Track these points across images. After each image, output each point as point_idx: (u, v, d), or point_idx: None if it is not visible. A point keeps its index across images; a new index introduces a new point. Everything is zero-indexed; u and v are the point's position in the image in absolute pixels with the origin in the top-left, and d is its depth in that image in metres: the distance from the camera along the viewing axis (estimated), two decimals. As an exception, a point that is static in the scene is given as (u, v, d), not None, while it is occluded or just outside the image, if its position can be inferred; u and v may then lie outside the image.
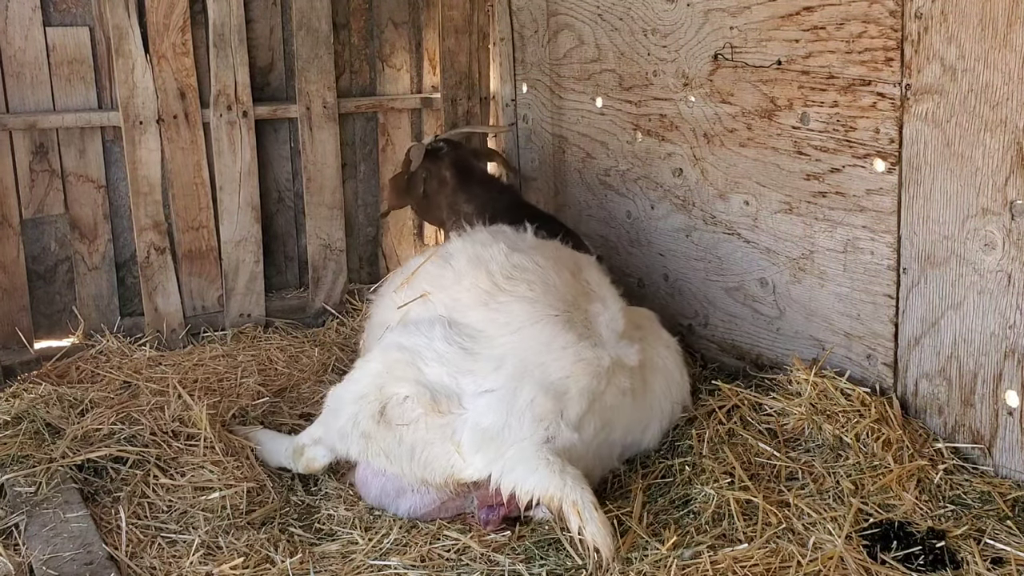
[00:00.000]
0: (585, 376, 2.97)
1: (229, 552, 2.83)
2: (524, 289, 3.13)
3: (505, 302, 3.11)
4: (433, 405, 2.92)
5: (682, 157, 4.07)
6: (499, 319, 3.08)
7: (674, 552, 2.66)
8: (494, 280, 3.15)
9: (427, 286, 3.30)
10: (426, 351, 3.02)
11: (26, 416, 3.42)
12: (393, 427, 2.95)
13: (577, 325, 3.09)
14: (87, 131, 4.43)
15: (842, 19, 3.28)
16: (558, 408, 2.90)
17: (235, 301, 4.70)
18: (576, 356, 2.99)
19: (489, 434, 2.86)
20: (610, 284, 3.45)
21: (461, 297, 3.17)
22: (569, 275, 3.30)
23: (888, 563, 2.60)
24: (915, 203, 3.15)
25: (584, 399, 2.94)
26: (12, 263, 4.31)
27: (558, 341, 3.01)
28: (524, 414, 2.86)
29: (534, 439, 2.83)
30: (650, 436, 3.29)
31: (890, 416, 3.18)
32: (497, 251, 3.26)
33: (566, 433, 2.88)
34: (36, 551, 2.73)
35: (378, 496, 3.08)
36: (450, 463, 2.89)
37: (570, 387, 2.94)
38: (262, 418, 3.74)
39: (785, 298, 3.68)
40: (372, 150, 5.12)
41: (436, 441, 2.90)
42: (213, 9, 4.49)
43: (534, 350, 2.99)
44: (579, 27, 4.55)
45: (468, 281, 3.19)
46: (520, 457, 2.80)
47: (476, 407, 2.91)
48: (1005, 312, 2.92)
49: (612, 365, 3.04)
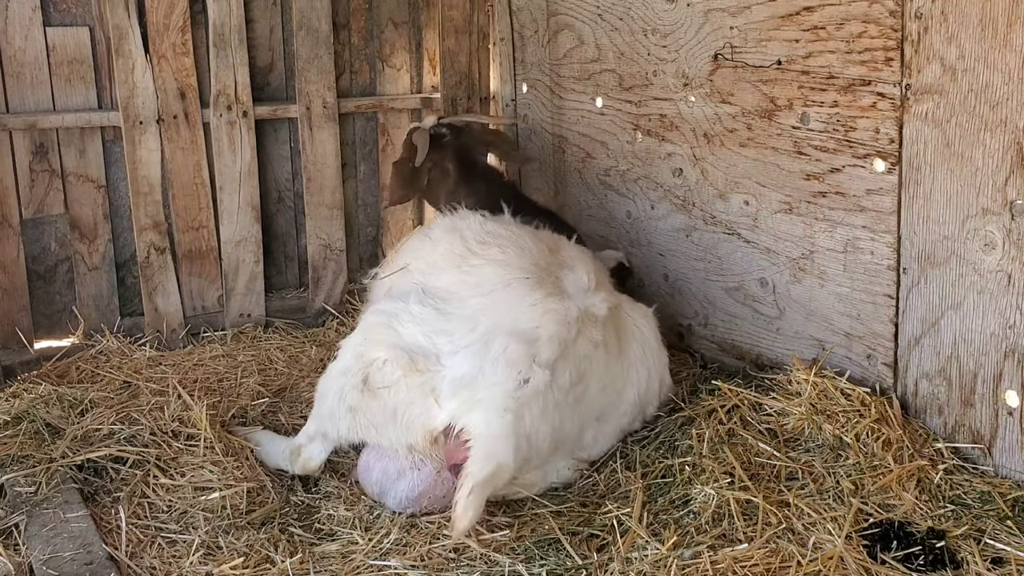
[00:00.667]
0: (553, 324, 3.05)
1: (229, 552, 2.83)
2: (496, 252, 3.25)
3: (477, 265, 3.23)
4: (411, 365, 2.98)
5: (682, 157, 4.07)
6: (470, 280, 3.19)
7: (674, 552, 2.66)
8: (467, 245, 3.30)
9: (408, 258, 3.46)
10: (401, 313, 3.11)
11: (26, 416, 3.42)
12: (376, 393, 3.00)
13: (547, 285, 3.19)
14: (87, 131, 4.43)
15: (842, 19, 3.28)
16: (530, 352, 2.95)
17: (235, 301, 4.70)
18: (544, 309, 3.09)
19: (465, 380, 2.92)
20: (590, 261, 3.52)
21: (436, 261, 3.31)
22: (545, 248, 3.41)
23: (888, 563, 2.60)
24: (915, 203, 3.15)
25: (554, 343, 3.01)
26: (12, 263, 4.30)
27: (527, 299, 3.11)
28: (498, 360, 2.92)
29: (508, 383, 2.88)
30: (627, 402, 3.32)
31: (890, 416, 3.18)
32: (473, 220, 3.44)
33: (539, 374, 2.93)
34: (36, 551, 2.73)
35: (380, 480, 3.09)
36: (427, 417, 2.93)
37: (540, 335, 3.01)
38: (262, 418, 3.74)
39: (785, 298, 3.68)
40: (372, 150, 5.12)
41: (416, 400, 2.95)
42: (213, 9, 4.48)
43: (504, 309, 3.09)
44: (579, 27, 4.55)
45: (443, 247, 3.34)
46: (485, 400, 2.86)
47: (453, 362, 2.97)
48: (1005, 312, 2.92)
49: (581, 315, 3.13)
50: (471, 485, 2.70)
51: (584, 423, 3.18)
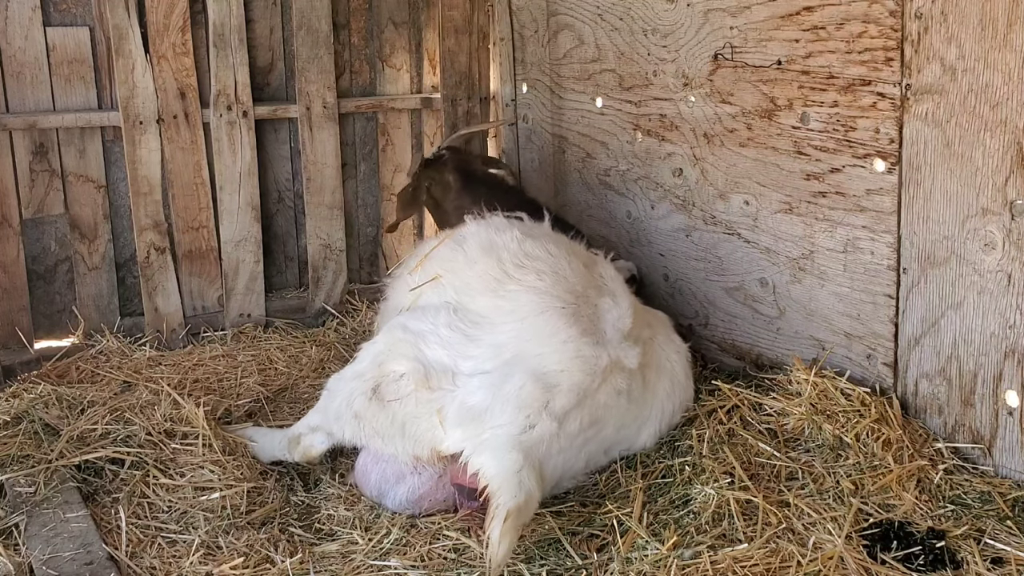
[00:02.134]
0: (579, 372, 2.96)
1: (229, 552, 2.83)
2: (533, 279, 3.14)
3: (513, 291, 3.11)
4: (424, 381, 2.95)
5: (682, 157, 4.07)
6: (505, 307, 3.09)
7: (674, 552, 2.66)
8: (504, 268, 3.16)
9: (439, 269, 3.31)
10: (430, 335, 3.04)
11: (25, 416, 3.42)
12: (385, 404, 2.98)
13: (583, 319, 3.08)
14: (87, 131, 4.43)
15: (842, 19, 3.28)
16: (544, 399, 2.89)
17: (235, 301, 4.70)
18: (575, 352, 2.98)
19: (472, 412, 2.88)
20: (623, 281, 3.44)
21: (471, 282, 3.19)
22: (582, 266, 3.29)
23: (888, 563, 2.60)
24: (915, 203, 3.15)
25: (573, 394, 2.94)
26: (12, 263, 4.30)
27: (560, 335, 3.00)
28: (509, 400, 2.86)
29: (512, 427, 2.83)
30: (646, 436, 3.29)
31: (890, 416, 3.18)
32: (510, 238, 3.26)
33: (546, 423, 2.87)
34: (36, 551, 2.73)
35: (378, 483, 3.08)
36: (434, 435, 2.91)
37: (562, 381, 2.93)
38: (254, 418, 3.74)
39: (785, 298, 3.68)
40: (372, 150, 5.12)
41: (423, 415, 2.93)
42: (213, 9, 4.49)
43: (535, 340, 3.00)
44: (579, 27, 4.55)
45: (480, 267, 3.20)
46: (492, 444, 2.81)
47: (467, 386, 2.93)
48: (1005, 312, 2.92)
49: (610, 365, 3.04)
50: (504, 513, 2.62)
51: (592, 459, 3.15)
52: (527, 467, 2.74)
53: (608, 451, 3.22)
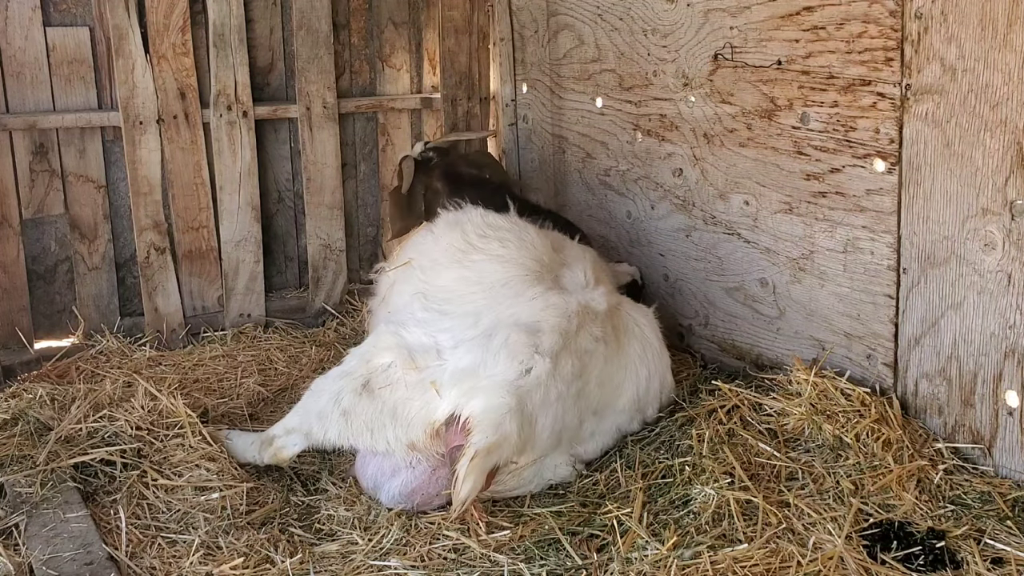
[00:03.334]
0: (555, 316, 3.06)
1: (229, 552, 2.83)
2: (496, 247, 3.28)
3: (478, 260, 3.26)
4: (411, 363, 2.99)
5: (682, 157, 4.07)
6: (471, 277, 3.22)
7: (674, 552, 2.66)
8: (468, 239, 3.32)
9: (411, 253, 3.51)
10: (408, 322, 3.14)
11: (23, 417, 3.42)
12: (375, 394, 3.00)
13: (546, 280, 3.22)
14: (87, 131, 4.43)
15: (842, 19, 3.28)
16: (532, 342, 2.96)
17: (235, 301, 4.70)
18: (544, 302, 3.11)
19: (466, 371, 2.93)
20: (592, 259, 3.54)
21: (437, 258, 3.34)
22: (548, 244, 3.43)
23: (888, 563, 2.60)
24: (915, 203, 3.15)
25: (556, 334, 3.01)
26: (12, 263, 4.31)
27: (527, 294, 3.14)
28: (500, 351, 2.94)
29: (508, 373, 2.89)
30: (627, 398, 3.31)
31: (890, 416, 3.18)
32: (475, 214, 3.48)
33: (541, 363, 2.93)
34: (36, 551, 2.73)
35: (374, 475, 3.09)
36: (427, 411, 2.92)
37: (542, 326, 3.03)
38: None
39: (785, 298, 3.68)
40: (372, 150, 5.12)
41: (415, 396, 2.95)
42: (213, 9, 4.49)
43: (505, 304, 3.10)
44: (579, 27, 4.55)
45: (444, 242, 3.37)
46: (485, 387, 2.85)
47: (454, 356, 2.99)
48: (1005, 312, 2.92)
49: (581, 309, 3.14)
50: (472, 452, 2.70)
51: (583, 416, 3.18)
52: (514, 412, 2.80)
53: (596, 412, 3.24)
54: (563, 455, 3.16)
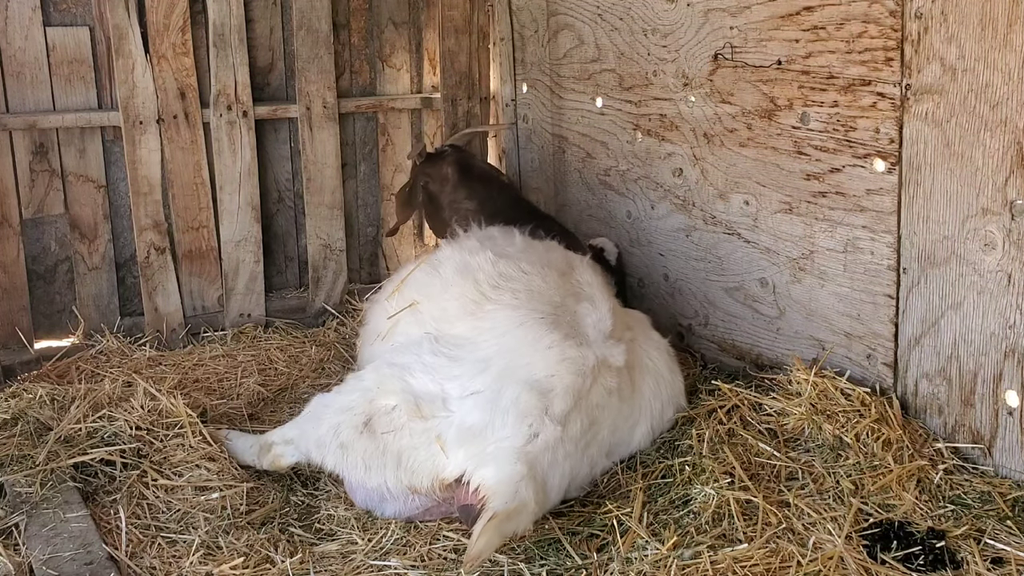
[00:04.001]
0: (570, 374, 2.96)
1: (229, 552, 2.83)
2: (509, 298, 3.16)
3: (491, 311, 3.14)
4: (416, 411, 2.91)
5: (682, 157, 4.07)
6: (485, 326, 3.11)
7: (674, 552, 2.66)
8: (480, 289, 3.20)
9: (416, 295, 3.36)
10: (415, 366, 3.03)
11: (23, 417, 3.42)
12: (377, 436, 2.93)
13: (563, 325, 3.09)
14: (87, 131, 4.43)
15: (842, 19, 3.28)
16: (543, 404, 2.88)
17: (235, 301, 4.70)
18: (561, 355, 2.98)
19: (473, 431, 2.84)
20: (602, 285, 3.45)
21: (448, 307, 3.22)
22: (557, 276, 3.33)
23: (888, 563, 2.60)
24: (915, 203, 3.15)
25: (569, 396, 2.93)
26: (12, 263, 4.31)
27: (543, 341, 3.01)
28: (508, 412, 2.85)
29: (516, 439, 2.81)
30: (639, 436, 3.28)
31: (890, 416, 3.18)
32: (484, 259, 3.30)
33: (550, 428, 2.85)
34: (36, 551, 2.73)
35: (365, 502, 3.07)
36: (434, 464, 2.86)
37: (555, 384, 2.92)
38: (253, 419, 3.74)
39: (785, 298, 3.68)
40: (372, 150, 5.12)
41: (421, 446, 2.88)
42: (213, 9, 4.49)
43: (519, 351, 2.99)
44: (579, 27, 4.55)
45: (456, 290, 3.24)
46: (495, 456, 2.78)
47: (462, 408, 2.90)
48: (1005, 312, 2.92)
49: (598, 364, 3.04)
50: (491, 514, 2.61)
51: (595, 461, 3.12)
52: (528, 479, 2.72)
53: (608, 454, 3.20)
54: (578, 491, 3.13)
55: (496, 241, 3.51)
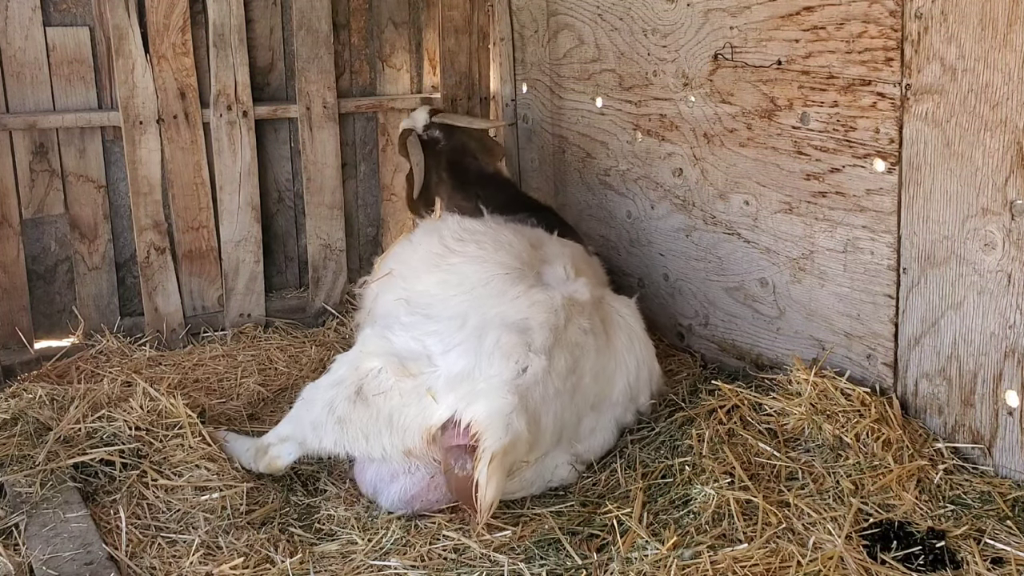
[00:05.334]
0: (541, 312, 3.07)
1: (229, 552, 2.83)
2: (474, 249, 3.31)
3: (456, 263, 3.29)
4: (402, 369, 2.97)
5: (682, 157, 4.07)
6: (451, 280, 3.25)
7: (674, 552, 2.66)
8: (445, 243, 3.36)
9: (392, 264, 3.55)
10: (393, 326, 3.14)
11: (23, 417, 3.42)
12: (369, 401, 2.98)
13: (527, 278, 3.24)
14: (87, 131, 4.43)
15: (842, 19, 3.28)
16: (524, 340, 2.97)
17: (235, 301, 4.70)
18: (529, 300, 3.11)
19: (462, 375, 2.92)
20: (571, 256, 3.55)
21: (416, 265, 3.38)
22: (527, 243, 3.46)
23: (888, 563, 2.60)
24: (915, 203, 3.15)
25: (546, 330, 3.03)
26: (12, 263, 4.30)
27: (510, 292, 3.14)
28: (493, 353, 2.93)
29: (505, 373, 2.89)
30: (619, 390, 3.32)
31: (890, 416, 3.18)
32: (452, 220, 3.53)
33: (537, 360, 2.94)
34: (36, 551, 2.73)
35: (373, 480, 3.08)
36: (424, 416, 2.91)
37: (531, 323, 3.03)
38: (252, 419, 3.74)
39: (785, 298, 3.68)
40: (372, 150, 5.12)
41: (411, 403, 2.94)
42: (213, 9, 4.49)
43: (489, 304, 3.11)
44: (579, 27, 4.55)
45: (423, 249, 3.42)
46: (486, 391, 2.85)
47: (446, 361, 2.98)
48: (1005, 312, 2.92)
49: (566, 302, 3.15)
50: (490, 455, 2.70)
51: (581, 412, 3.19)
52: (519, 410, 2.81)
53: (594, 406, 3.25)
54: (564, 455, 3.16)
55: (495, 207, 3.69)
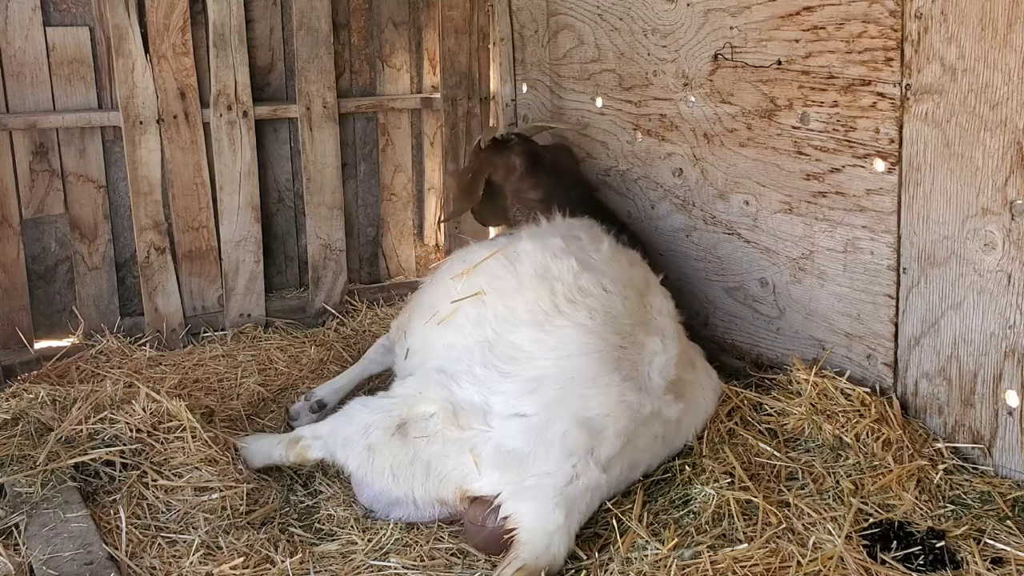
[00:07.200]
0: (624, 418, 2.85)
1: (229, 552, 2.83)
2: (584, 316, 3.00)
3: (560, 326, 2.98)
4: (453, 419, 2.83)
5: (682, 157, 4.07)
6: (549, 342, 2.96)
7: (674, 552, 2.66)
8: (555, 301, 3.03)
9: (485, 285, 3.16)
10: (464, 375, 2.93)
11: (23, 417, 3.42)
12: (410, 440, 2.86)
13: (626, 364, 2.96)
14: (87, 131, 4.43)
15: (842, 19, 3.28)
16: (590, 445, 2.77)
17: (235, 301, 4.70)
18: (619, 396, 2.87)
19: (514, 456, 2.74)
20: (673, 313, 3.31)
21: (517, 309, 3.05)
22: (635, 298, 3.16)
23: (888, 563, 2.60)
24: (915, 203, 3.15)
25: (619, 441, 2.83)
26: (12, 263, 4.30)
27: (603, 378, 2.89)
28: (554, 445, 2.74)
29: (559, 477, 2.71)
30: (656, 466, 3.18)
31: (890, 416, 3.18)
32: (566, 268, 3.11)
33: (594, 472, 2.76)
34: (36, 551, 2.73)
35: (371, 501, 3.02)
36: (462, 475, 2.78)
37: (607, 426, 2.82)
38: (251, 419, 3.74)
39: (785, 298, 3.68)
40: (372, 150, 5.12)
41: (451, 454, 2.80)
42: (213, 9, 4.49)
43: (576, 381, 2.87)
44: (579, 27, 4.55)
45: (529, 295, 3.06)
46: (536, 493, 2.69)
47: (504, 428, 2.79)
48: (1005, 312, 2.92)
49: (651, 415, 2.95)
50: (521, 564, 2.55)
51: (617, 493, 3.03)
52: (563, 530, 2.65)
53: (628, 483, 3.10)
54: None
55: (582, 243, 3.30)
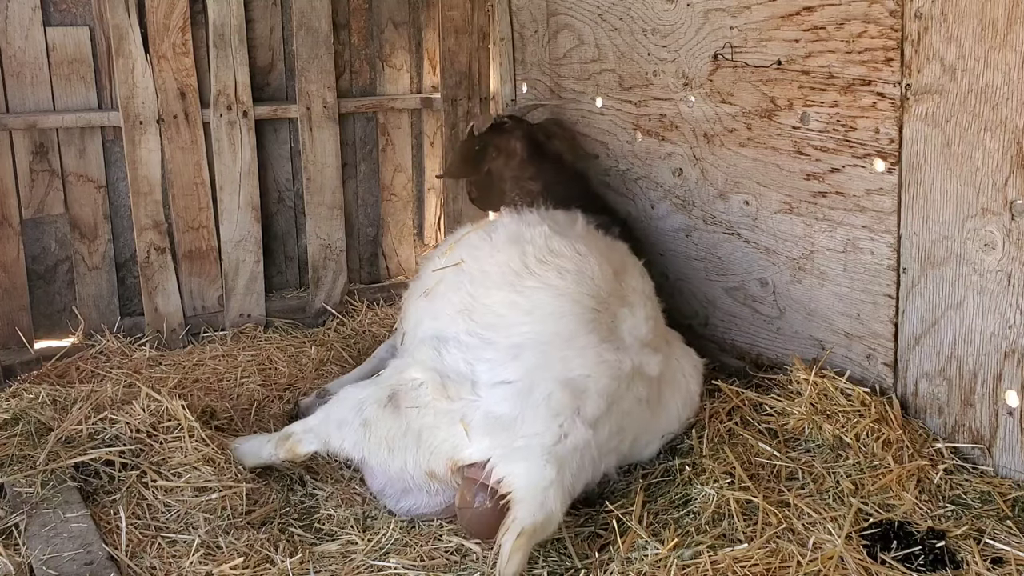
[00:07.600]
0: (605, 377, 2.88)
1: (229, 552, 2.83)
2: (555, 276, 3.06)
3: (532, 287, 3.05)
4: (442, 390, 2.86)
5: (682, 157, 4.07)
6: (522, 305, 3.03)
7: (674, 552, 2.66)
8: (526, 262, 3.11)
9: (465, 255, 3.29)
10: (450, 342, 2.99)
11: (23, 417, 3.42)
12: (401, 411, 2.88)
13: (601, 327, 3.02)
14: (87, 131, 4.43)
15: (842, 19, 3.28)
16: (575, 404, 2.80)
17: (235, 301, 4.70)
18: (598, 356, 2.91)
19: (502, 422, 2.77)
20: (650, 294, 3.35)
21: (489, 271, 3.14)
22: (611, 272, 3.22)
23: (888, 563, 2.60)
24: (915, 203, 3.15)
25: (603, 400, 2.86)
26: (12, 263, 4.30)
27: (580, 339, 2.94)
28: (540, 407, 2.77)
29: (547, 436, 2.73)
30: (650, 450, 3.23)
31: (890, 416, 3.18)
32: (539, 233, 3.21)
33: (581, 430, 2.77)
34: (36, 551, 2.73)
35: (382, 489, 3.03)
36: (453, 445, 2.80)
37: (589, 386, 2.85)
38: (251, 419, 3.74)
39: (785, 298, 3.68)
40: (372, 150, 5.12)
41: (442, 425, 2.83)
42: (213, 9, 4.49)
43: (555, 344, 2.92)
44: (579, 27, 4.55)
45: (501, 257, 3.16)
46: (526, 453, 2.70)
47: (491, 396, 2.84)
48: (1005, 312, 2.92)
49: (632, 371, 2.97)
50: (519, 529, 2.54)
51: (608, 468, 3.05)
52: (556, 485, 2.65)
53: (621, 463, 3.15)
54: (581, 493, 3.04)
55: (557, 218, 3.41)
